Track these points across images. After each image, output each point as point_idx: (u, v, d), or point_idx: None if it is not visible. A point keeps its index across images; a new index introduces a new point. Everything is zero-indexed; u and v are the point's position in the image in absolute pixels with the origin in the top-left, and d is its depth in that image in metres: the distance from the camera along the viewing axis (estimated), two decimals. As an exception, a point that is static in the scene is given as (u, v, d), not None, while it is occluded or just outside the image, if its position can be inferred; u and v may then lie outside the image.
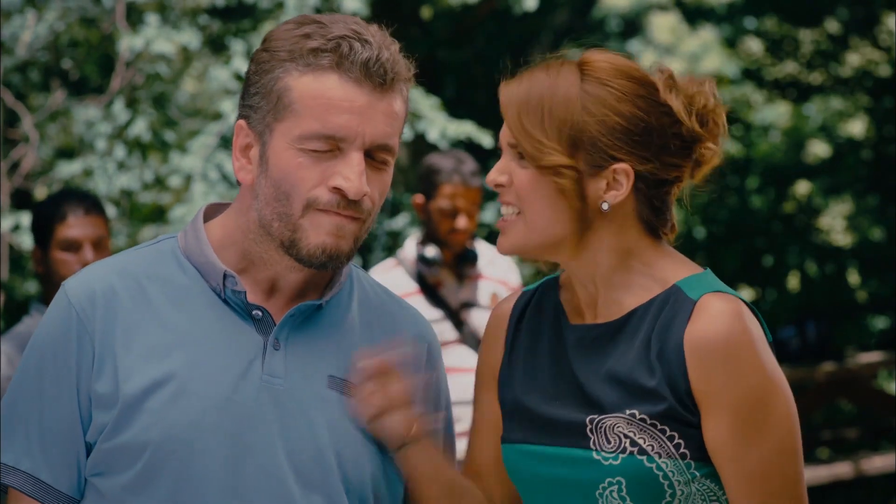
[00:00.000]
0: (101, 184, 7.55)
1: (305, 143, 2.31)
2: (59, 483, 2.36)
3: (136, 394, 2.31)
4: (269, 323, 2.38)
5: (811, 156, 16.09)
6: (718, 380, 2.28)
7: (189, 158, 7.47)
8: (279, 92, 2.32)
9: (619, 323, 2.38)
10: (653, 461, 2.30)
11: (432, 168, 5.53)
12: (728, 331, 2.29)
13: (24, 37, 7.78)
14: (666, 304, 2.35)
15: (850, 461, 9.79)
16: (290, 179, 2.32)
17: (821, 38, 14.18)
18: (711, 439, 2.30)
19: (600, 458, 2.32)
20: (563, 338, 2.44)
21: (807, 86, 14.22)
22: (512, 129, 2.38)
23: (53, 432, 2.35)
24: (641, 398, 2.31)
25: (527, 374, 2.46)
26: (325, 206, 2.32)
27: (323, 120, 2.30)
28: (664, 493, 2.30)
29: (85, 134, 7.91)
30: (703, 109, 2.40)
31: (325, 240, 2.33)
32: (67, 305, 2.37)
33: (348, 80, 2.31)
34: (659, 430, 2.30)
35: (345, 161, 2.31)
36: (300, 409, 2.35)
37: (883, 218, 14.40)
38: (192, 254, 2.41)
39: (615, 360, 2.36)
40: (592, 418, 2.33)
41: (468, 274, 5.55)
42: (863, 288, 14.58)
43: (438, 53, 12.20)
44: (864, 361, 10.37)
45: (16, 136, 8.41)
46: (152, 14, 7.63)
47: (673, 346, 2.31)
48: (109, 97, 7.89)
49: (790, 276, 14.69)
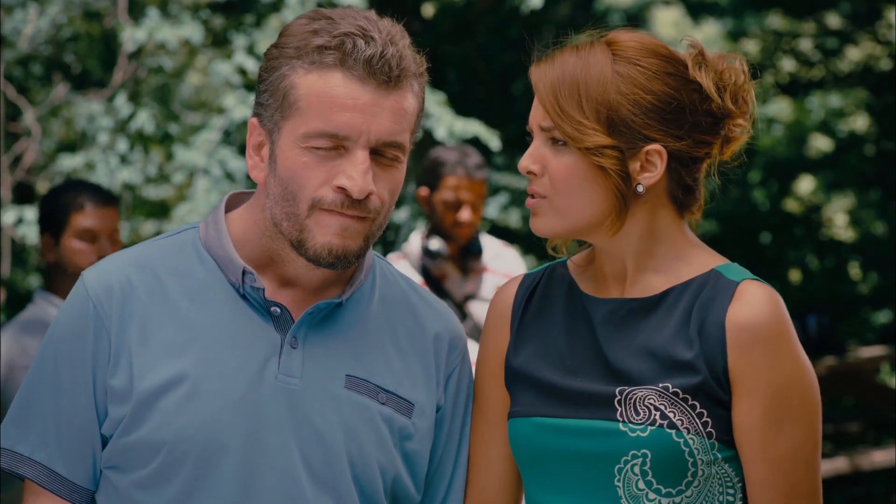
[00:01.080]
0: (103, 178, 7.55)
1: (310, 142, 2.29)
2: (74, 475, 2.36)
3: (151, 391, 2.30)
4: (288, 320, 2.37)
5: (813, 150, 16.08)
6: (757, 363, 2.30)
7: (192, 153, 7.47)
8: (285, 90, 2.31)
9: (655, 300, 2.39)
10: (681, 436, 2.30)
11: (437, 160, 5.53)
12: (770, 317, 2.32)
13: (25, 30, 7.78)
14: (705, 286, 2.37)
15: (852, 455, 9.79)
16: (296, 179, 2.30)
17: (822, 32, 14.16)
18: (742, 422, 2.32)
19: (627, 429, 2.31)
20: (585, 312, 2.43)
21: (808, 81, 14.19)
22: (549, 112, 2.36)
23: (69, 424, 2.35)
24: (676, 371, 2.32)
25: (540, 350, 2.44)
26: (329, 205, 2.30)
27: (326, 118, 2.28)
28: (687, 470, 2.30)
29: (87, 128, 7.91)
30: (734, 86, 2.40)
31: (332, 240, 2.32)
32: (85, 297, 2.37)
33: (352, 78, 2.29)
34: (689, 406, 2.31)
35: (349, 160, 2.29)
36: (315, 409, 2.34)
37: (885, 212, 14.38)
38: (211, 246, 2.40)
39: (649, 334, 2.36)
40: (622, 389, 2.33)
41: (473, 267, 5.55)
42: (864, 282, 14.57)
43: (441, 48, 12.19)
44: (865, 356, 10.35)
45: (18, 129, 8.41)
46: (154, 8, 7.63)
47: (714, 323, 2.32)
48: (111, 91, 7.89)
49: (792, 270, 14.68)
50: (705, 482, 2.32)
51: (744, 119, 2.42)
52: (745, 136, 2.44)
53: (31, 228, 7.28)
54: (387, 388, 2.40)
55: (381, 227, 2.38)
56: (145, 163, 7.81)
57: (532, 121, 2.39)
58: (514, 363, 2.46)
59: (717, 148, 2.43)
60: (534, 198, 2.39)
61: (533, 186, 2.39)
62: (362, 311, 2.43)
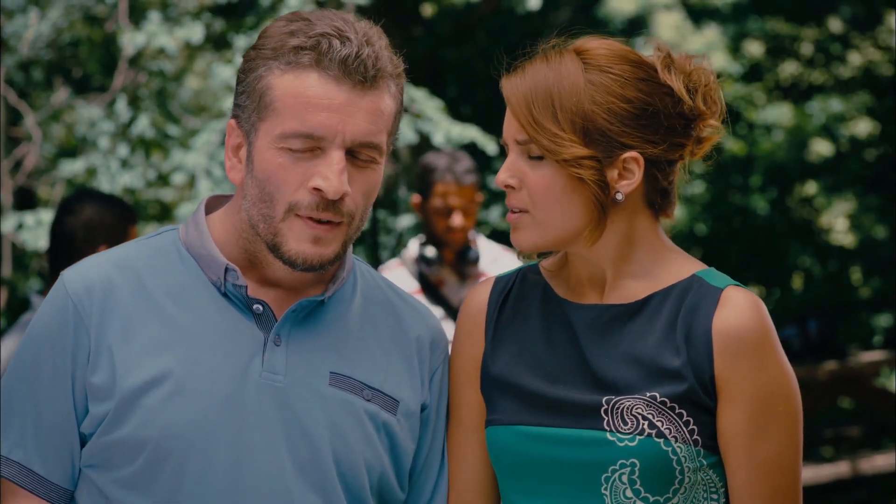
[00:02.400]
0: (105, 182, 7.56)
1: (285, 143, 2.29)
2: (52, 474, 2.35)
3: (135, 389, 2.29)
4: (271, 318, 2.37)
5: (814, 154, 16.07)
6: (744, 370, 2.31)
7: (192, 155, 7.47)
8: (261, 91, 2.31)
9: (637, 306, 2.38)
10: (669, 445, 2.30)
11: (427, 167, 5.55)
12: (756, 324, 2.33)
13: (26, 35, 7.79)
14: (688, 291, 2.37)
15: (852, 460, 9.78)
16: (272, 180, 2.30)
17: (823, 37, 14.16)
18: (727, 428, 2.32)
19: (615, 439, 2.31)
20: (564, 318, 2.42)
21: (809, 85, 14.19)
22: (524, 125, 2.35)
23: (48, 423, 2.34)
24: (663, 379, 2.32)
25: (518, 356, 2.43)
26: (305, 210, 2.29)
27: (302, 119, 2.28)
28: (674, 478, 2.31)
29: (88, 132, 7.91)
30: (704, 87, 2.40)
31: (305, 248, 2.31)
32: (65, 296, 2.35)
33: (327, 78, 2.28)
34: (676, 415, 2.31)
35: (325, 160, 2.29)
36: (300, 406, 2.34)
37: (886, 217, 14.38)
38: (192, 246, 2.39)
39: (633, 342, 2.36)
40: (609, 399, 2.32)
41: (470, 273, 5.56)
42: (865, 287, 14.56)
43: (441, 52, 12.19)
44: (866, 360, 10.34)
45: (19, 134, 8.42)
46: (155, 12, 7.63)
47: (700, 331, 2.33)
48: (112, 95, 7.89)
49: (793, 274, 14.67)
50: (691, 488, 2.33)
51: (714, 119, 2.42)
52: (717, 136, 2.43)
53: (32, 233, 7.28)
54: (371, 385, 2.40)
55: (359, 230, 2.37)
56: (146, 167, 7.81)
57: (507, 134, 2.38)
58: (493, 370, 2.44)
59: (690, 149, 2.42)
60: (514, 213, 2.38)
61: (512, 201, 2.37)
62: (344, 309, 2.43)
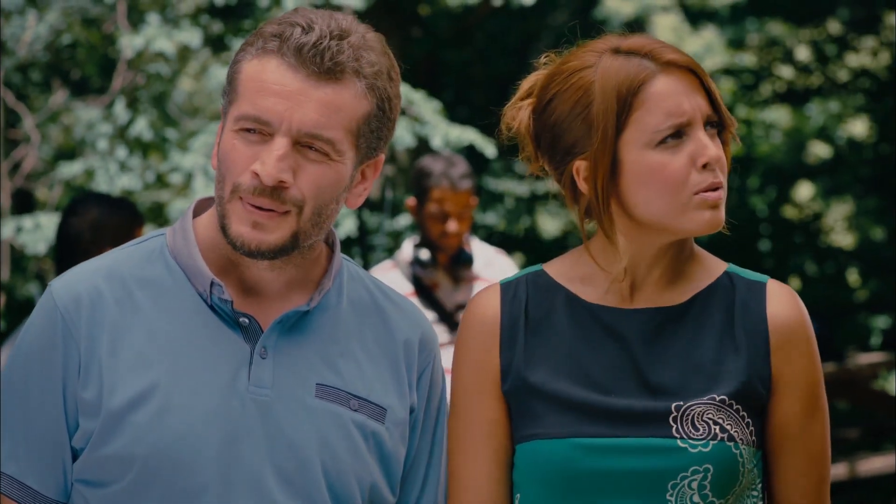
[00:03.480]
0: (103, 184, 7.55)
1: (239, 124, 2.27)
2: (46, 488, 2.32)
3: (121, 406, 2.27)
4: (257, 330, 2.34)
5: (812, 156, 16.08)
6: (799, 361, 2.35)
7: (190, 156, 7.47)
8: (232, 76, 2.31)
9: (684, 307, 2.37)
10: (738, 448, 2.30)
11: (422, 172, 5.55)
12: (803, 314, 2.37)
13: (24, 37, 7.79)
14: (731, 288, 2.38)
15: (850, 462, 9.78)
16: (225, 162, 2.29)
17: (822, 38, 14.16)
18: (782, 419, 2.35)
19: (687, 445, 2.29)
20: (607, 325, 2.38)
21: (806, 87, 14.20)
22: (717, 102, 2.36)
23: (39, 437, 2.31)
24: (726, 379, 2.32)
25: (558, 366, 2.37)
26: (245, 192, 2.27)
27: (253, 102, 2.26)
28: (737, 481, 2.32)
29: (86, 134, 7.91)
30: None
31: (244, 231, 2.28)
32: (53, 308, 2.33)
33: (286, 65, 2.27)
34: (740, 416, 2.31)
35: (268, 146, 2.27)
36: (287, 420, 2.31)
37: (884, 219, 14.39)
38: (179, 255, 2.36)
39: (688, 344, 2.35)
40: (679, 405, 2.30)
41: (464, 276, 5.55)
42: (863, 288, 14.57)
43: (439, 54, 12.19)
44: (864, 362, 10.35)
45: (17, 136, 8.42)
46: (153, 14, 7.63)
47: (757, 327, 2.35)
48: (110, 97, 7.89)
49: (791, 276, 14.67)
50: (742, 490, 2.33)
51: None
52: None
53: (31, 236, 7.27)
54: (358, 395, 2.37)
55: (317, 225, 2.32)
56: (144, 169, 7.81)
57: (694, 112, 2.35)
58: (532, 380, 2.38)
59: None
60: (717, 190, 2.37)
61: (720, 178, 2.39)
62: (330, 317, 2.40)
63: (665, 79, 2.33)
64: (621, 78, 2.32)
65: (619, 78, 2.32)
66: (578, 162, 2.35)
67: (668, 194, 2.32)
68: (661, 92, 2.32)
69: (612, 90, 2.32)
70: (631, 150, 2.33)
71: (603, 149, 2.32)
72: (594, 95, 2.33)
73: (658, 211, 2.33)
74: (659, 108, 2.32)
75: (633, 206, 2.35)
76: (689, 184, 2.33)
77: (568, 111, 2.36)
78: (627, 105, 2.32)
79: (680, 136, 2.33)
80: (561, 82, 2.37)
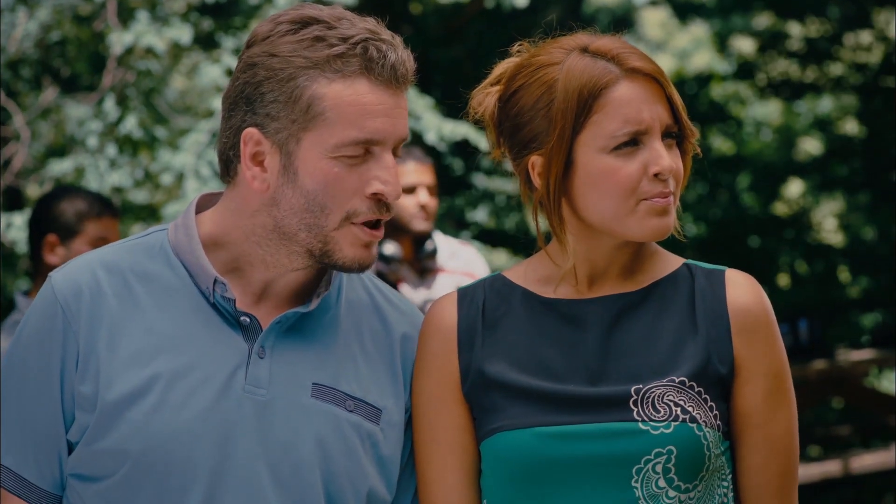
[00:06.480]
0: (93, 181, 7.53)
1: (341, 151, 2.29)
2: (42, 480, 2.33)
3: (117, 401, 2.27)
4: (257, 329, 2.35)
5: (803, 153, 16.09)
6: (759, 347, 2.36)
7: (181, 155, 7.46)
8: (308, 101, 2.28)
9: (642, 294, 2.40)
10: (701, 430, 2.31)
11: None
12: (764, 301, 2.40)
13: (14, 34, 7.77)
14: (690, 277, 2.41)
15: (842, 459, 9.79)
16: (327, 190, 2.29)
17: (812, 34, 14.17)
18: (745, 405, 2.36)
19: (648, 427, 2.30)
20: (566, 316, 2.40)
21: (799, 83, 14.20)
22: (678, 112, 2.39)
23: (36, 429, 2.32)
24: (687, 361, 2.33)
25: (517, 361, 2.39)
26: (364, 217, 2.31)
27: (360, 126, 2.29)
28: (703, 465, 2.32)
29: (76, 132, 7.89)
30: None
31: (361, 254, 2.33)
32: (53, 301, 2.33)
33: (378, 84, 2.30)
34: (702, 399, 2.32)
35: (379, 164, 2.31)
36: (282, 420, 2.32)
37: (874, 216, 14.39)
38: (181, 252, 2.36)
39: (648, 329, 2.37)
40: (638, 388, 2.32)
41: (429, 268, 5.52)
42: (854, 286, 14.58)
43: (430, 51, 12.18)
44: (855, 359, 10.34)
45: (7, 133, 8.40)
46: (143, 11, 7.61)
47: (717, 311, 2.36)
48: (100, 95, 7.87)
49: (781, 274, 14.68)
50: (710, 476, 2.34)
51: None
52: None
53: (21, 233, 7.25)
54: (354, 395, 2.38)
55: None
56: (134, 166, 7.79)
57: (652, 121, 2.37)
58: (491, 377, 2.39)
59: None
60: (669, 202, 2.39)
61: (670, 188, 2.40)
62: (329, 318, 2.41)
63: (628, 85, 2.35)
64: (584, 80, 2.35)
65: (582, 79, 2.35)
66: (535, 157, 2.38)
67: (616, 198, 2.34)
68: (621, 98, 2.34)
69: (574, 91, 2.34)
70: (586, 152, 2.35)
71: (559, 147, 2.35)
72: (557, 93, 2.35)
73: (605, 214, 2.36)
74: (618, 114, 2.34)
75: (583, 207, 2.38)
76: (638, 191, 2.35)
77: (531, 105, 2.38)
78: (587, 107, 2.34)
79: (636, 144, 2.35)
80: (527, 75, 2.40)
